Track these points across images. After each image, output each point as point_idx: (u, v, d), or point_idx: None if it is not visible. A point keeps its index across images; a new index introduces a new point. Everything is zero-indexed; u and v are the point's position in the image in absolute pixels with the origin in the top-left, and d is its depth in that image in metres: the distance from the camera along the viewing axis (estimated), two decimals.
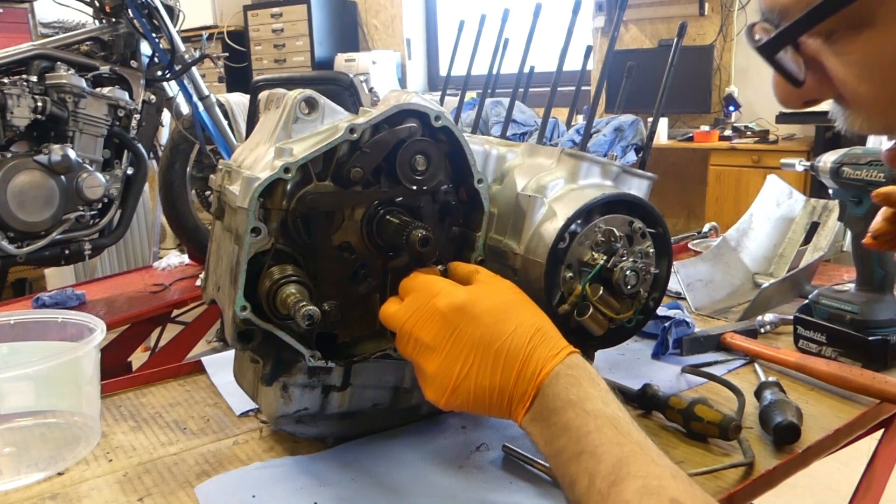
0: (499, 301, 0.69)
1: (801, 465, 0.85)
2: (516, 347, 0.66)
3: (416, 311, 0.70)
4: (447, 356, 0.67)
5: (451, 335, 0.67)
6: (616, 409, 0.61)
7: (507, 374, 0.65)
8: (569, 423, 0.60)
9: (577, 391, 0.62)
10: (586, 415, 0.60)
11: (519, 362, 0.65)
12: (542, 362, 0.64)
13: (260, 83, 2.03)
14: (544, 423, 0.63)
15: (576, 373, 0.64)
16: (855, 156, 1.10)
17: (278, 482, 0.80)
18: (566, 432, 0.60)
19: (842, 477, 2.06)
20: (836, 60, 0.44)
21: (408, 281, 0.75)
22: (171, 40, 2.41)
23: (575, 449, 0.59)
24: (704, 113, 4.64)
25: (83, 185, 2.20)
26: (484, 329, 0.67)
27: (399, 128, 0.78)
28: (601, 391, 0.63)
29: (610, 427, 0.59)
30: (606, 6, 4.83)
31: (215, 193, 0.86)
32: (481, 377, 0.66)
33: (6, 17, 4.23)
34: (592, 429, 0.59)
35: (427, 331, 0.69)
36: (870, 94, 0.45)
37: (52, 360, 0.85)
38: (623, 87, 1.02)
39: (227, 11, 5.97)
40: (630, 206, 0.85)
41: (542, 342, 0.66)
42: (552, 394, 0.63)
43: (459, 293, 0.70)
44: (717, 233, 1.83)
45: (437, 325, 0.68)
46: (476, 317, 0.67)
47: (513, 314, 0.68)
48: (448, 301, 0.69)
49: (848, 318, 1.05)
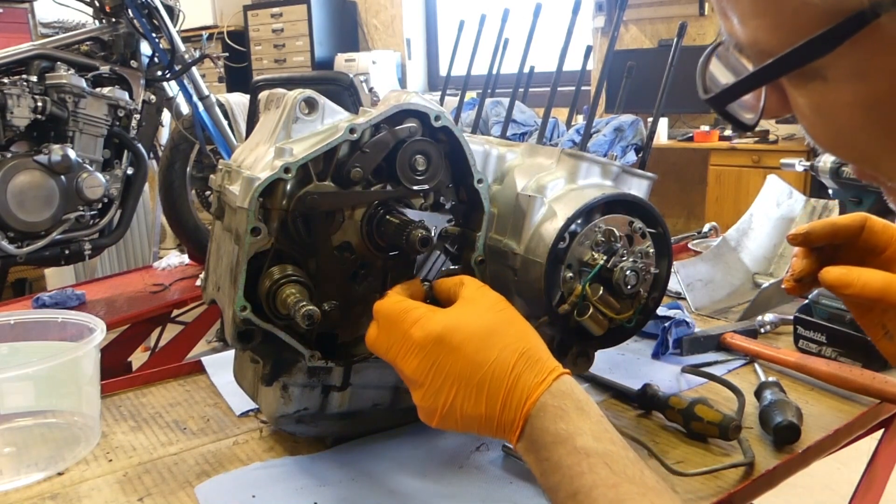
0: (480, 326, 0.65)
1: (801, 465, 0.85)
2: (499, 376, 0.62)
3: (395, 343, 0.67)
4: (429, 389, 0.64)
5: (431, 368, 0.64)
6: (608, 444, 0.58)
7: (493, 403, 0.62)
8: (560, 462, 0.58)
9: (565, 425, 0.59)
10: (577, 453, 0.57)
11: (503, 391, 0.62)
12: (528, 391, 0.62)
13: (260, 83, 2.03)
14: (536, 456, 0.61)
15: (563, 403, 0.61)
16: None
17: (278, 482, 0.80)
18: (559, 470, 0.58)
19: (842, 477, 2.07)
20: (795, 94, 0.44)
21: (381, 304, 0.71)
22: (171, 40, 2.41)
23: (569, 489, 0.57)
24: (704, 113, 4.64)
25: (83, 185, 2.20)
26: (464, 361, 0.63)
27: (399, 128, 0.78)
28: (592, 422, 0.60)
29: (603, 466, 0.56)
30: (606, 6, 4.83)
31: (215, 193, 0.86)
32: (467, 408, 0.63)
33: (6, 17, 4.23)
34: (585, 469, 0.56)
35: (407, 364, 0.66)
36: (819, 136, 0.45)
37: (52, 360, 0.85)
38: (623, 87, 1.02)
39: (227, 11, 5.96)
40: (630, 206, 0.85)
41: (527, 367, 0.63)
42: (540, 427, 0.60)
43: (436, 322, 0.65)
44: (717, 233, 1.83)
45: (416, 359, 0.65)
46: (455, 348, 0.64)
47: (495, 339, 0.64)
48: (425, 333, 0.65)
49: (848, 318, 1.05)
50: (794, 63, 0.39)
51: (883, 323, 0.71)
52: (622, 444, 0.59)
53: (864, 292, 0.66)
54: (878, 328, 0.71)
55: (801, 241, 0.74)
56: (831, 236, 0.73)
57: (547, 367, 0.63)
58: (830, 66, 0.39)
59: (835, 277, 0.68)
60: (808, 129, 0.45)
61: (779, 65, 0.40)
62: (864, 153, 0.45)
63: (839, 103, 0.41)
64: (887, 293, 0.65)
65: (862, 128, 0.42)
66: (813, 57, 0.39)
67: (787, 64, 0.40)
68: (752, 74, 0.42)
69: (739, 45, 0.44)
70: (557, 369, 0.63)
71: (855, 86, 0.40)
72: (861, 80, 0.39)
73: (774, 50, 0.40)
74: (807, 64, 0.39)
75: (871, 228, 0.72)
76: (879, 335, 0.72)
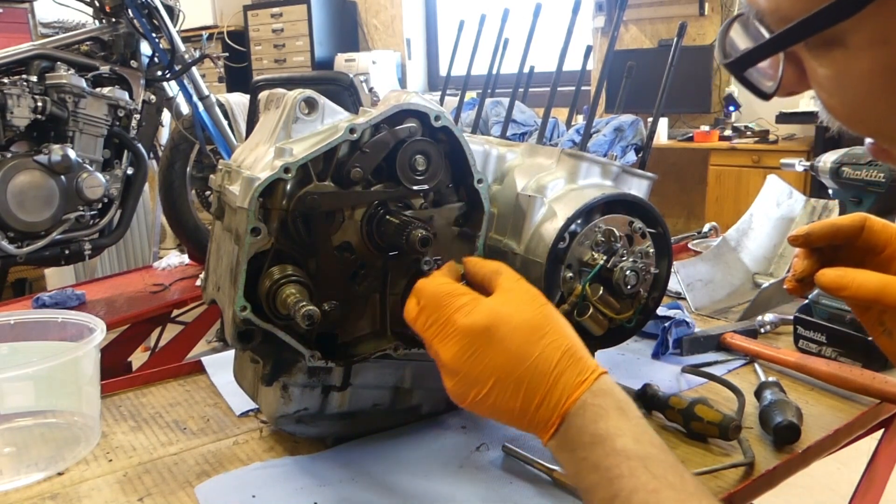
0: (523, 319, 0.63)
1: (801, 465, 0.85)
2: (541, 373, 0.61)
3: (435, 324, 0.65)
4: (465, 378, 0.62)
5: (471, 357, 0.62)
6: (648, 446, 0.57)
7: (530, 399, 0.61)
8: (598, 463, 0.57)
9: (605, 424, 0.58)
10: (617, 454, 0.56)
11: (544, 388, 0.60)
12: (569, 390, 0.60)
13: (260, 83, 2.03)
14: (571, 455, 0.59)
15: (603, 402, 0.59)
16: (855, 156, 1.11)
17: (278, 482, 0.80)
18: (596, 471, 0.57)
19: (842, 477, 2.07)
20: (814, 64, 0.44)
21: (426, 283, 0.68)
22: (171, 40, 2.41)
23: (607, 492, 0.56)
24: (704, 113, 4.64)
25: (83, 185, 2.20)
26: (506, 354, 0.62)
27: (399, 128, 0.78)
28: (632, 423, 0.58)
29: (643, 470, 0.55)
30: (606, 6, 4.83)
31: (215, 193, 0.86)
32: (501, 401, 0.62)
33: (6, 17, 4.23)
34: (625, 472, 0.55)
35: (445, 348, 0.63)
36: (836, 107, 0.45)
37: (52, 360, 0.85)
38: (623, 87, 1.02)
39: (227, 11, 5.96)
40: (630, 206, 0.85)
41: (570, 366, 0.61)
42: (578, 426, 0.59)
43: (481, 312, 0.63)
44: (717, 233, 1.83)
45: (457, 345, 0.63)
46: (499, 340, 0.62)
47: (538, 335, 0.62)
48: (470, 321, 0.63)
49: (848, 318, 1.05)
50: (815, 27, 0.40)
51: (881, 321, 0.71)
52: (662, 447, 0.58)
53: (860, 294, 0.66)
54: (877, 326, 0.72)
55: (801, 242, 0.74)
56: (832, 237, 0.73)
57: (588, 366, 0.62)
58: (852, 32, 0.40)
59: (830, 280, 0.68)
60: (826, 101, 0.46)
61: (800, 28, 0.40)
62: (881, 126, 0.45)
63: (859, 71, 0.41)
64: (883, 294, 0.65)
65: (881, 97, 0.42)
66: (835, 20, 0.39)
67: (808, 27, 0.40)
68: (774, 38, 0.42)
69: (760, 13, 0.44)
70: (598, 369, 0.62)
71: (876, 52, 0.40)
72: (882, 45, 0.39)
73: (796, 15, 0.40)
74: (828, 27, 0.40)
75: (870, 228, 0.73)
76: (878, 333, 0.72)
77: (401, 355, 0.82)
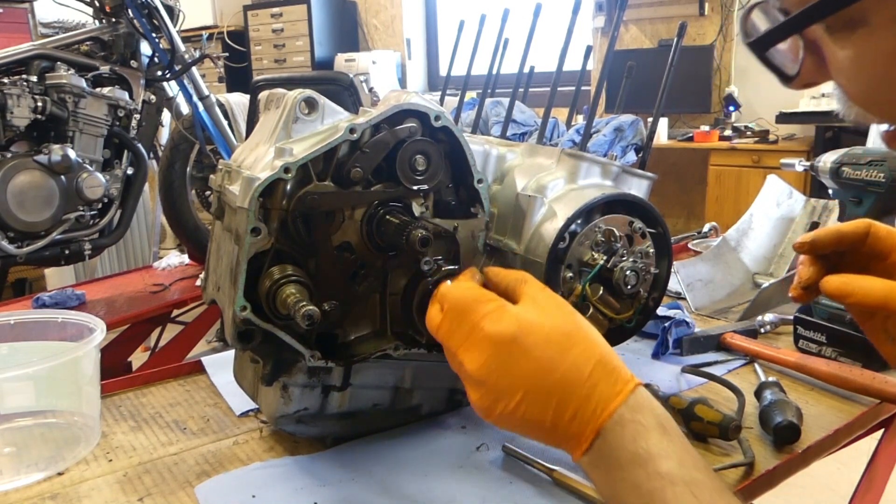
0: (553, 328, 0.59)
1: (801, 465, 0.85)
2: (573, 384, 0.57)
3: (459, 331, 0.61)
4: (491, 389, 0.59)
5: (499, 368, 0.58)
6: (693, 470, 0.53)
7: (561, 412, 0.57)
8: (640, 485, 0.53)
9: (645, 443, 0.54)
10: (661, 478, 0.53)
11: (577, 400, 0.57)
12: (604, 402, 0.56)
13: (260, 83, 2.03)
14: (607, 473, 0.56)
15: (643, 418, 0.56)
16: (855, 156, 1.11)
17: (278, 482, 0.80)
18: (636, 493, 0.54)
19: (842, 477, 2.07)
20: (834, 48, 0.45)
21: (450, 289, 0.64)
22: (171, 40, 2.41)
23: None
24: (704, 113, 4.64)
25: (83, 185, 2.20)
26: (535, 364, 0.58)
27: (399, 128, 0.78)
28: (675, 445, 0.55)
29: (690, 497, 0.52)
30: (606, 6, 4.83)
31: (215, 193, 0.86)
32: (530, 414, 0.58)
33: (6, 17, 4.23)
34: (669, 497, 0.52)
35: (471, 357, 0.59)
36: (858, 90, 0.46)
37: (52, 360, 0.85)
38: (623, 87, 1.02)
39: (227, 11, 5.96)
40: (630, 206, 0.85)
41: (604, 376, 0.57)
42: (616, 444, 0.55)
43: (510, 320, 0.59)
44: (717, 233, 1.83)
45: (484, 355, 0.59)
46: (529, 349, 0.58)
47: (569, 344, 0.58)
48: (498, 329, 0.59)
49: (848, 318, 1.05)
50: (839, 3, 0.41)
51: (886, 328, 0.71)
52: (707, 471, 0.55)
53: (866, 301, 0.66)
54: (881, 333, 0.71)
55: (807, 249, 0.73)
56: (836, 243, 0.73)
57: (623, 376, 0.58)
58: (874, 11, 0.41)
59: (835, 287, 0.67)
60: (845, 85, 0.46)
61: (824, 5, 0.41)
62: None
63: (881, 52, 0.42)
64: (888, 301, 0.64)
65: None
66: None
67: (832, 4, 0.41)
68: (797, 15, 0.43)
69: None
70: (633, 380, 0.58)
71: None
72: None
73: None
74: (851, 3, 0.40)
75: (875, 234, 0.73)
76: (883, 340, 0.71)
77: (401, 355, 0.82)
